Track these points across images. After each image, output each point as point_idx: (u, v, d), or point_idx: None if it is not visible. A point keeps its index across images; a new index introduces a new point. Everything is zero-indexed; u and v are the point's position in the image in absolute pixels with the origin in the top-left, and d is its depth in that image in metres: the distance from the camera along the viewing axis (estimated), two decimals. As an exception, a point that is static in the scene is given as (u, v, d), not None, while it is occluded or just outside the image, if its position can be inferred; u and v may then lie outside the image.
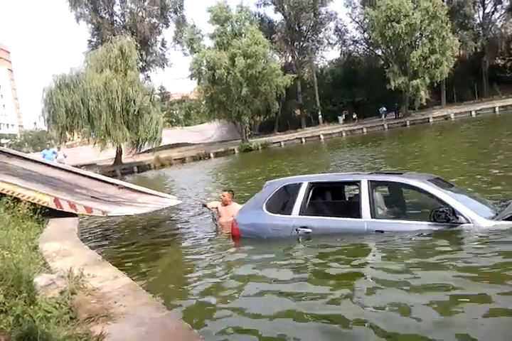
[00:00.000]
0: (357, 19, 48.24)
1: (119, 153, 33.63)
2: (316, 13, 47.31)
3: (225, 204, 7.81)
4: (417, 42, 38.46)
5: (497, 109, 35.95)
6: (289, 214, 5.96)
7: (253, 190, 9.22)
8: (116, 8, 47.94)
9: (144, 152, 33.85)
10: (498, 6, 45.74)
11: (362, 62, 51.51)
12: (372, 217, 5.43)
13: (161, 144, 34.00)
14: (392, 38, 37.65)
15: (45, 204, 7.36)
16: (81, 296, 3.29)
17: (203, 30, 40.81)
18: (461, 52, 44.89)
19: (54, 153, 21.70)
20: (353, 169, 14.29)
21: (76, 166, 15.15)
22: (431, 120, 37.52)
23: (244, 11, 40.28)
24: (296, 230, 5.77)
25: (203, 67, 39.21)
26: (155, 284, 4.94)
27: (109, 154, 33.83)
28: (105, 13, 47.34)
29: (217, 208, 7.94)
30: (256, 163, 23.97)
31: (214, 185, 16.38)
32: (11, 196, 7.25)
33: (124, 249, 7.02)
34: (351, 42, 51.00)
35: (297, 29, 48.69)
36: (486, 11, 45.75)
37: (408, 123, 37.90)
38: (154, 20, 48.35)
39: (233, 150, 36.97)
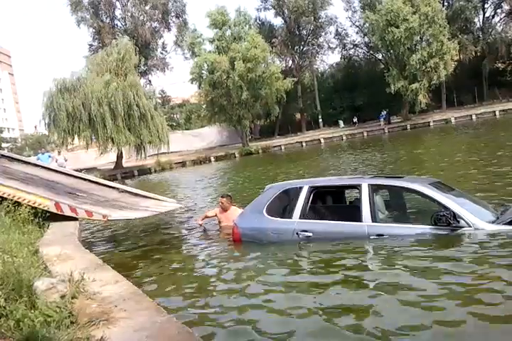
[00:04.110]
0: (357, 23, 48.40)
1: (119, 157, 33.61)
2: (316, 17, 47.46)
3: (224, 209, 7.76)
4: (417, 47, 38.56)
5: (497, 113, 36.01)
6: (290, 217, 5.95)
7: (253, 194, 9.21)
8: (118, 12, 48.34)
9: (148, 156, 33.72)
10: (498, 10, 46.04)
11: (362, 66, 51.63)
12: (372, 221, 5.43)
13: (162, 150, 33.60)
14: (392, 42, 37.75)
15: (45, 208, 7.36)
16: (82, 300, 3.28)
17: (204, 35, 40.95)
18: (461, 56, 44.99)
19: (50, 157, 21.22)
20: (353, 173, 14.28)
21: (77, 170, 15.17)
22: (431, 124, 37.57)
23: (243, 15, 40.29)
24: (297, 234, 5.76)
25: (203, 71, 39.24)
26: (156, 288, 4.94)
27: (110, 158, 33.85)
28: (106, 17, 47.57)
29: (215, 215, 7.91)
30: (256, 166, 23.94)
31: (214, 188, 16.37)
32: (11, 200, 7.25)
33: (124, 253, 7.02)
34: (351, 46, 51.11)
35: (297, 33, 48.88)
36: (486, 15, 46.10)
37: (409, 127, 37.95)
38: (155, 24, 48.59)
39: (234, 154, 36.96)
